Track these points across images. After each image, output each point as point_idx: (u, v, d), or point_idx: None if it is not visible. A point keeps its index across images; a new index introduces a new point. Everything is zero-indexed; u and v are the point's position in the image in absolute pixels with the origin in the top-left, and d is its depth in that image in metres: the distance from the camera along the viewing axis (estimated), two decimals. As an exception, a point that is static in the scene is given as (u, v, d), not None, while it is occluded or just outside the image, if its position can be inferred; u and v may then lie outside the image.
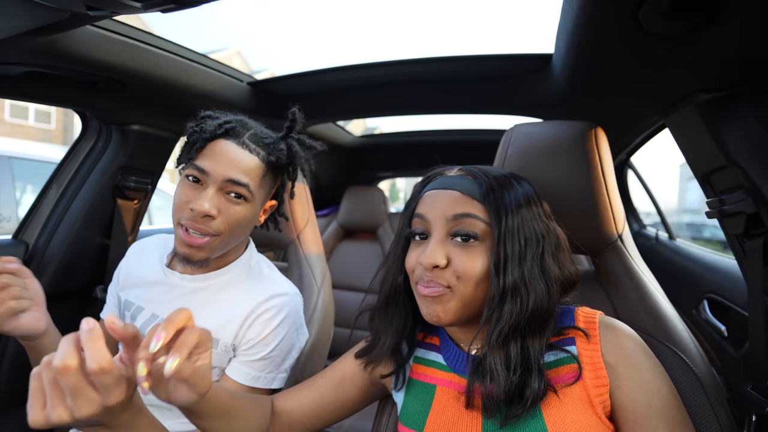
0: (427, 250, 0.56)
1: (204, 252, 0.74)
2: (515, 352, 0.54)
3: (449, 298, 0.56)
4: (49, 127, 13.74)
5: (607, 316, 0.61)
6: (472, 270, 0.55)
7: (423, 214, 0.60)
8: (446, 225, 0.57)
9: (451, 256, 0.56)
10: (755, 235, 0.72)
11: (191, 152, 0.74)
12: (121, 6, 0.59)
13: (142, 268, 0.86)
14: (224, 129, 0.74)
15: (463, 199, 0.58)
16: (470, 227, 0.56)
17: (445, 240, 0.57)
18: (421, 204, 0.62)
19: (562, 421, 0.52)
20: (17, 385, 1.03)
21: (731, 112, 0.72)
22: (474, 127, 2.21)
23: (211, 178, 0.72)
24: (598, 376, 0.54)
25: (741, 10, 0.53)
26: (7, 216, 2.34)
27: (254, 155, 0.75)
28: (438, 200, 0.59)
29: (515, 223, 0.56)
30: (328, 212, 2.70)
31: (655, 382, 0.54)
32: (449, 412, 0.59)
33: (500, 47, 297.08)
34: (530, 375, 0.52)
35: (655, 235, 1.91)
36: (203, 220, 0.71)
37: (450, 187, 0.60)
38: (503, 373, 0.52)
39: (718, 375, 0.72)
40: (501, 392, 0.52)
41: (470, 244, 0.56)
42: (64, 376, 0.41)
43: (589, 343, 0.57)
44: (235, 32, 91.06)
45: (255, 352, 0.77)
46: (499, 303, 0.54)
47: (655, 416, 0.52)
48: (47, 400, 0.42)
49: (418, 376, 0.67)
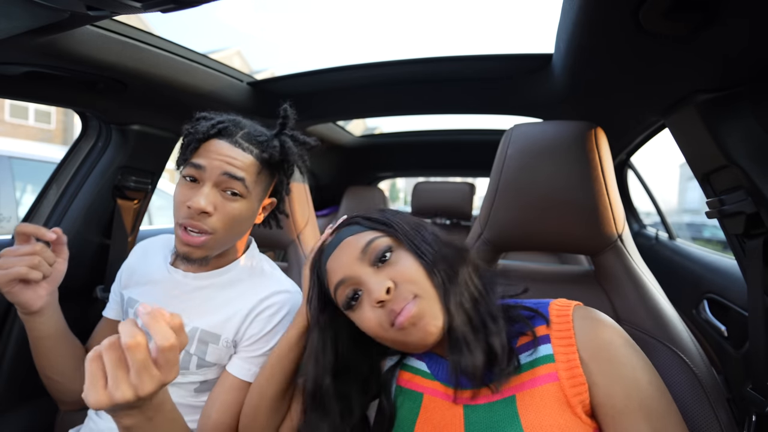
0: (374, 284, 0.58)
1: (202, 250, 0.75)
2: (473, 313, 0.58)
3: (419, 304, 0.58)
4: (49, 127, 13.74)
5: (585, 307, 0.61)
6: (410, 274, 0.59)
7: (342, 278, 0.62)
8: (366, 264, 0.61)
9: (392, 278, 0.58)
10: (755, 235, 0.72)
11: (186, 153, 0.76)
12: (121, 6, 0.59)
13: (146, 267, 0.88)
14: (217, 129, 0.75)
15: (363, 234, 0.63)
16: (381, 248, 0.61)
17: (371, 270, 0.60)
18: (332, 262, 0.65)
19: (539, 425, 0.52)
20: (17, 385, 1.03)
21: (731, 112, 0.72)
22: (474, 127, 2.21)
23: (207, 173, 0.73)
24: (574, 375, 0.54)
25: (741, 10, 0.53)
26: (7, 216, 2.34)
27: (247, 153, 0.76)
28: (341, 252, 0.63)
29: (407, 228, 0.63)
30: (328, 212, 2.71)
31: (633, 374, 0.53)
32: (435, 420, 0.60)
33: (500, 47, 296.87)
34: (493, 333, 0.57)
35: (655, 235, 1.91)
36: (200, 217, 0.72)
37: (344, 239, 0.64)
38: (471, 335, 0.56)
39: (718, 375, 0.72)
40: (480, 354, 0.54)
41: (390, 259, 0.60)
42: (133, 352, 0.44)
43: (564, 339, 0.57)
44: (235, 32, 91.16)
45: (256, 348, 0.77)
46: (444, 283, 0.59)
47: (634, 410, 0.51)
48: (110, 381, 0.44)
49: (405, 383, 0.67)
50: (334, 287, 0.62)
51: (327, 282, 0.65)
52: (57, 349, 0.79)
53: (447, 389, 0.61)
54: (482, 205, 0.94)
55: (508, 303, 0.64)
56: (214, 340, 0.77)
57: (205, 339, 0.77)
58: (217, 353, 0.77)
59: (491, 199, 0.89)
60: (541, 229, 0.85)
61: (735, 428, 0.65)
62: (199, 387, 0.79)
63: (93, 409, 0.46)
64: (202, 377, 0.79)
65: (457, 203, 2.36)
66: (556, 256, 1.95)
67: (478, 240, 0.94)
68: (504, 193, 0.88)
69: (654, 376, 0.55)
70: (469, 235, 0.98)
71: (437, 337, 0.57)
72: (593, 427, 0.53)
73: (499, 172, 0.88)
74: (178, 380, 0.78)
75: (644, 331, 0.76)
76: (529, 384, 0.56)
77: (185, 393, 0.79)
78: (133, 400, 0.45)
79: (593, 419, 0.54)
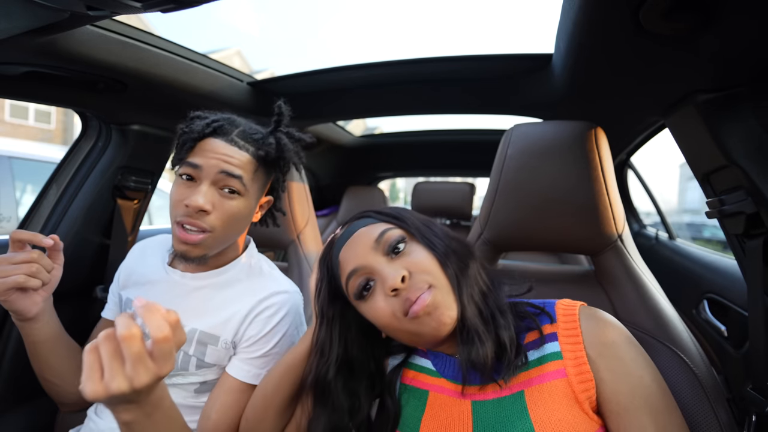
0: (389, 272, 0.58)
1: (200, 249, 0.75)
2: (483, 306, 0.59)
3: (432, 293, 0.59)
4: (49, 127, 13.73)
5: (590, 307, 0.62)
6: (424, 264, 0.59)
7: (354, 268, 0.62)
8: (380, 254, 0.60)
9: (407, 268, 0.58)
10: (755, 235, 0.72)
11: (182, 152, 0.76)
12: (121, 6, 0.59)
13: (144, 267, 0.87)
14: (212, 128, 0.75)
15: (376, 225, 0.63)
16: (394, 238, 0.61)
17: (385, 259, 0.60)
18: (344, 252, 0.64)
19: (548, 420, 0.52)
20: (17, 386, 1.03)
21: (731, 112, 0.72)
22: (474, 127, 2.21)
23: (204, 172, 0.73)
24: (582, 372, 0.55)
25: (741, 11, 0.53)
26: (7, 216, 2.34)
27: (244, 151, 0.76)
28: (354, 243, 0.63)
29: (418, 223, 0.64)
30: (328, 212, 2.71)
31: (637, 372, 0.55)
32: (442, 416, 0.60)
33: (500, 47, 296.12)
34: (501, 326, 0.58)
35: (655, 235, 1.91)
36: (198, 215, 0.72)
37: (356, 231, 0.64)
38: (482, 327, 0.57)
39: (718, 375, 0.72)
40: (490, 345, 0.55)
41: (404, 250, 0.60)
42: (128, 344, 0.44)
43: (571, 337, 0.58)
44: (235, 32, 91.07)
45: (255, 349, 0.77)
46: (457, 275, 0.59)
47: (638, 406, 0.53)
48: (106, 372, 0.45)
49: (410, 381, 0.67)
50: (346, 277, 0.62)
51: (339, 273, 0.64)
52: (54, 352, 0.79)
53: (454, 386, 0.61)
54: (482, 205, 0.94)
55: (514, 300, 0.66)
56: (213, 342, 0.77)
57: (204, 340, 0.77)
58: (216, 354, 0.77)
59: (491, 199, 0.89)
60: (541, 229, 0.85)
61: (735, 428, 0.65)
62: (199, 388, 0.79)
63: (90, 400, 0.46)
64: (202, 378, 0.78)
65: (457, 203, 2.36)
66: (556, 256, 1.95)
67: (478, 240, 0.94)
68: (504, 193, 0.88)
69: (657, 375, 0.56)
70: (469, 235, 0.98)
71: (451, 328, 0.57)
72: (599, 424, 0.54)
73: (499, 172, 0.88)
74: (179, 381, 0.78)
75: (644, 331, 0.76)
76: (537, 380, 0.56)
77: (186, 394, 0.79)
78: (128, 392, 0.45)
79: (599, 416, 0.55)
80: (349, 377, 0.65)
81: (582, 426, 0.52)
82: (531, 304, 0.65)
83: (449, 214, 2.41)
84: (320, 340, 0.65)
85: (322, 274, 0.68)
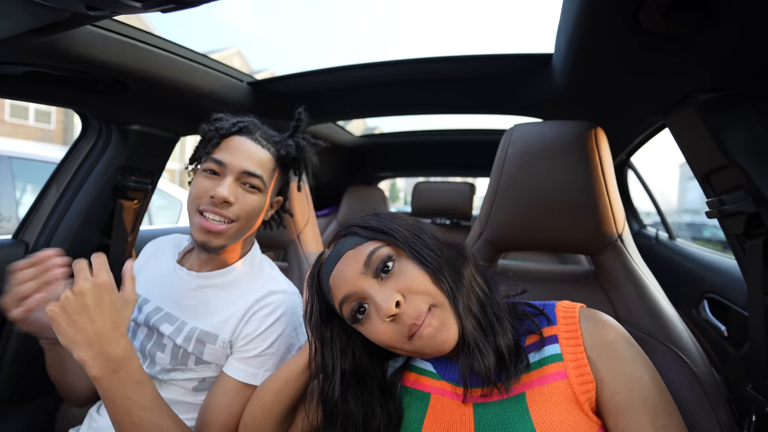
0: (383, 298, 0.56)
1: (221, 239, 0.79)
2: (481, 315, 0.58)
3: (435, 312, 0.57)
4: (49, 127, 13.74)
5: (589, 308, 0.62)
6: (417, 284, 0.57)
7: (346, 294, 0.60)
8: (370, 277, 0.59)
9: (399, 290, 0.57)
10: (755, 235, 0.72)
11: (208, 148, 0.81)
12: (121, 6, 0.59)
13: (155, 263, 0.91)
14: (239, 127, 0.83)
15: (363, 246, 0.60)
16: (382, 258, 0.59)
17: (376, 281, 0.59)
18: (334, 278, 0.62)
19: (549, 421, 0.52)
20: (17, 385, 1.03)
21: (731, 112, 0.72)
22: (474, 127, 2.21)
23: (229, 169, 0.79)
24: (583, 373, 0.55)
25: (741, 11, 0.53)
26: (7, 216, 2.34)
27: (266, 150, 0.83)
28: (343, 268, 0.61)
29: (407, 234, 0.62)
30: (328, 212, 2.71)
31: (636, 372, 0.55)
32: (444, 419, 0.60)
33: (500, 47, 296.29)
34: (500, 334, 0.57)
35: (655, 235, 1.91)
36: (222, 205, 0.77)
37: (344, 253, 0.62)
38: (482, 339, 0.56)
39: (718, 375, 0.72)
40: (492, 356, 0.54)
41: (393, 269, 0.58)
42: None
43: (572, 339, 0.58)
44: (235, 32, 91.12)
45: (251, 348, 0.77)
46: (452, 290, 0.58)
47: (637, 406, 0.53)
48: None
49: (412, 383, 0.67)
50: (339, 303, 0.61)
51: (330, 297, 0.63)
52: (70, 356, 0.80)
53: (455, 388, 0.61)
54: (482, 205, 0.94)
55: (513, 301, 0.65)
56: (212, 341, 0.78)
57: (203, 339, 0.78)
58: (213, 353, 0.78)
59: (491, 199, 0.89)
60: (541, 229, 0.85)
61: (735, 428, 0.65)
62: (197, 386, 0.80)
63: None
64: (199, 375, 0.79)
65: (457, 203, 2.36)
66: (556, 256, 1.95)
67: (478, 240, 0.94)
68: (504, 193, 0.88)
69: (655, 375, 0.56)
70: (469, 235, 0.98)
71: (453, 344, 0.56)
72: (599, 424, 0.54)
73: (499, 172, 0.88)
74: (177, 376, 0.79)
75: (644, 331, 0.76)
76: (538, 382, 0.56)
77: (184, 391, 0.79)
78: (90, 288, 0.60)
79: (598, 416, 0.55)
80: (361, 388, 0.64)
81: (582, 427, 0.52)
82: (530, 305, 0.65)
83: (449, 214, 2.41)
84: (322, 362, 0.64)
85: (312, 298, 0.66)
